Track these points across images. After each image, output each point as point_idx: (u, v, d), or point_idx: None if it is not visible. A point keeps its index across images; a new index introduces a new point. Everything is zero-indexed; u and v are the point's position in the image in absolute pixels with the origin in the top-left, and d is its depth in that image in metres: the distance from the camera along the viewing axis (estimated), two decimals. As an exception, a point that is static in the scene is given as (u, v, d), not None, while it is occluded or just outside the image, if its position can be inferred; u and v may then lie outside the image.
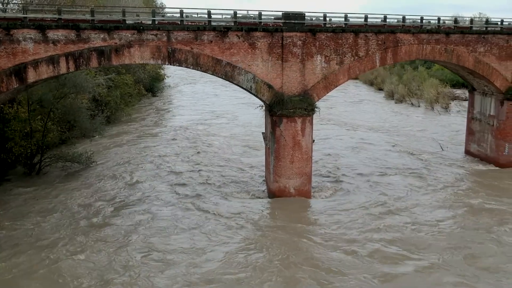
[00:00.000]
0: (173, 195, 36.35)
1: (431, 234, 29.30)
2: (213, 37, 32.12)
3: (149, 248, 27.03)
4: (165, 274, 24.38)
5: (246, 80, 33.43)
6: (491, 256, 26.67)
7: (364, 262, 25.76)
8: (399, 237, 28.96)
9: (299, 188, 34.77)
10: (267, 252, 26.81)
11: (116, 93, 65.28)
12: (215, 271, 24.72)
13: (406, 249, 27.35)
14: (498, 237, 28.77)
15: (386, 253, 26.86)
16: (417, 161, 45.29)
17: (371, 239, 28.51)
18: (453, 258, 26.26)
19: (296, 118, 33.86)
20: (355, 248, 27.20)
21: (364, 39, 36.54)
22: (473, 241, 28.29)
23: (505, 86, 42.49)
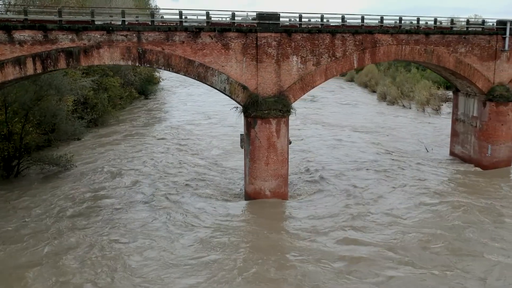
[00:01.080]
0: (150, 196, 36.12)
1: (405, 235, 29.01)
2: (185, 38, 31.80)
3: (115, 255, 26.64)
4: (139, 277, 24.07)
5: (219, 81, 33.10)
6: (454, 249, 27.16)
7: (336, 265, 25.48)
8: (371, 238, 28.81)
9: (274, 190, 34.39)
10: (228, 255, 26.47)
11: (103, 96, 65.02)
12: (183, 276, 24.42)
13: (377, 250, 27.23)
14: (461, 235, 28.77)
15: (358, 253, 26.80)
16: (399, 163, 44.83)
17: (342, 242, 28.28)
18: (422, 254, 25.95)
19: (271, 120, 33.51)
20: (327, 251, 26.98)
21: (341, 40, 36.20)
22: (445, 241, 28.24)
23: (487, 87, 42.10)
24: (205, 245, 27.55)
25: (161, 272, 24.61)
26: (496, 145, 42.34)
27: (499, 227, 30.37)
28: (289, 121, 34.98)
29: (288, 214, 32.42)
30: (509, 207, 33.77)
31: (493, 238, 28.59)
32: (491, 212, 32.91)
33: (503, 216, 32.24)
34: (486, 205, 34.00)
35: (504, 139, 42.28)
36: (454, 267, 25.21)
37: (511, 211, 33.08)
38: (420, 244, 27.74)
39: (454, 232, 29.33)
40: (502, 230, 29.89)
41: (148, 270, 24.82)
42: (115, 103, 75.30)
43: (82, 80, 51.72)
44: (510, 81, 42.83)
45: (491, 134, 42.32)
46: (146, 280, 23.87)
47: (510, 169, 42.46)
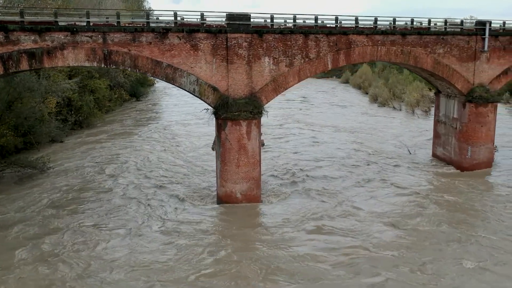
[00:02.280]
0: (123, 197, 35.99)
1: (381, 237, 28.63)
2: (152, 39, 31.46)
3: (86, 260, 26.29)
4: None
5: (188, 83, 32.75)
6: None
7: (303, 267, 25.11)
8: (341, 241, 28.48)
9: (246, 193, 33.97)
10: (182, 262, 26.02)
11: (89, 98, 64.73)
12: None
13: (348, 252, 26.98)
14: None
15: (323, 255, 26.46)
16: (378, 165, 44.40)
17: (310, 246, 27.92)
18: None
19: (241, 121, 33.11)
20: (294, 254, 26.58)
21: (315, 41, 35.82)
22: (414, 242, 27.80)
23: (467, 88, 41.64)
24: (163, 249, 27.15)
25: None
26: (476, 146, 41.85)
27: (462, 228, 30.31)
28: (260, 123, 34.53)
29: (256, 218, 31.99)
30: (475, 207, 33.76)
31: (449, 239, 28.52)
32: (461, 211, 33.00)
33: (467, 215, 32.30)
34: (456, 206, 34.03)
35: (484, 141, 41.79)
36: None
37: (473, 211, 33.02)
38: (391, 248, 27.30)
39: (423, 233, 29.46)
40: (462, 230, 29.89)
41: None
42: (104, 105, 75.23)
43: (63, 82, 51.23)
44: (490, 82, 42.37)
45: (470, 135, 41.83)
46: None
47: (490, 170, 41.87)
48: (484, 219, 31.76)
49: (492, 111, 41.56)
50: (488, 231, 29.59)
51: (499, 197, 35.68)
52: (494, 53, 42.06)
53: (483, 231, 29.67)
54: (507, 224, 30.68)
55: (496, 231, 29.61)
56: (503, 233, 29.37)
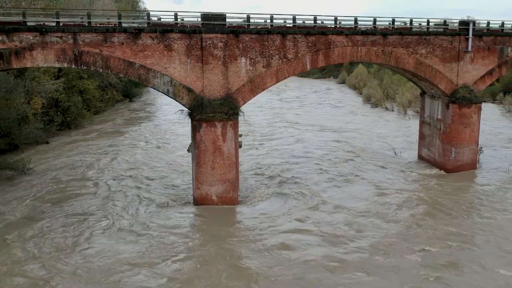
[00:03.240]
0: (98, 198, 35.72)
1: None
2: (124, 39, 31.07)
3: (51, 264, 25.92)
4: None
5: (162, 83, 32.36)
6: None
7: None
8: (316, 241, 28.27)
9: (222, 195, 33.55)
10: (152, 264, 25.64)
11: (77, 98, 64.43)
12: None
13: (323, 251, 26.75)
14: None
15: (296, 258, 26.14)
16: (362, 166, 43.98)
17: (282, 248, 27.49)
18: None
19: (216, 123, 32.69)
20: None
21: (293, 41, 35.37)
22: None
23: (451, 88, 41.14)
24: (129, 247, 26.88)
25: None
26: (460, 148, 41.35)
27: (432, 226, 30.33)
28: (237, 124, 34.11)
29: (229, 221, 31.52)
30: (450, 208, 33.56)
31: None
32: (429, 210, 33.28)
33: (434, 214, 32.48)
34: (428, 205, 34.10)
35: (467, 142, 41.28)
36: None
37: (442, 213, 32.75)
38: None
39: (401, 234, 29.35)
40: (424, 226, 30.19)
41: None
42: (94, 106, 74.98)
43: (47, 83, 50.89)
44: (474, 82, 41.87)
45: (454, 136, 41.34)
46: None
47: (473, 172, 41.31)
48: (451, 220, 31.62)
49: (475, 112, 41.05)
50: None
51: (471, 198, 35.36)
52: (478, 54, 41.57)
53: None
54: (463, 223, 30.59)
55: (453, 227, 29.97)
56: (459, 228, 29.77)
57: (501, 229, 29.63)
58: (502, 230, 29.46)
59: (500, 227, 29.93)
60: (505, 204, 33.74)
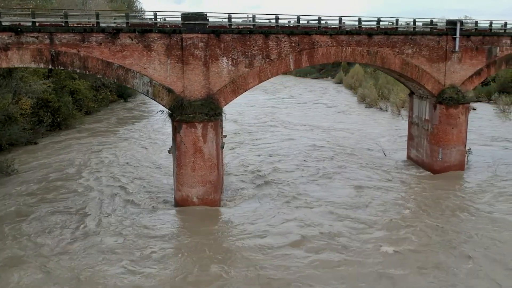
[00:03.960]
0: (79, 200, 35.37)
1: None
2: (102, 39, 30.71)
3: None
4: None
5: (141, 84, 32.01)
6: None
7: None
8: (296, 243, 27.93)
9: (203, 197, 33.17)
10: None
11: (67, 99, 64.14)
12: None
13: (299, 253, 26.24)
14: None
15: (271, 262, 25.60)
16: (348, 168, 43.56)
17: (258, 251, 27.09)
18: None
19: (196, 124, 32.31)
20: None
21: (276, 41, 34.98)
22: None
23: (438, 89, 40.71)
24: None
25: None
26: (447, 149, 40.91)
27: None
28: (218, 125, 33.74)
29: (207, 223, 30.98)
30: (428, 209, 33.22)
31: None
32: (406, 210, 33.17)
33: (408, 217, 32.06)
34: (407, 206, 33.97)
35: (455, 143, 40.83)
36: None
37: (419, 214, 32.50)
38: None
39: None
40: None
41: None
42: (87, 106, 74.74)
43: (33, 83, 50.55)
44: (462, 83, 41.42)
45: (441, 137, 40.89)
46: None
47: (461, 173, 40.85)
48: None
49: (463, 113, 40.60)
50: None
51: (452, 201, 34.85)
52: (466, 54, 41.15)
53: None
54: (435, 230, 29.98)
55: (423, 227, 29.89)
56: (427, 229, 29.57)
57: (475, 232, 29.23)
58: (475, 233, 29.08)
59: (472, 231, 29.47)
60: (484, 207, 33.19)
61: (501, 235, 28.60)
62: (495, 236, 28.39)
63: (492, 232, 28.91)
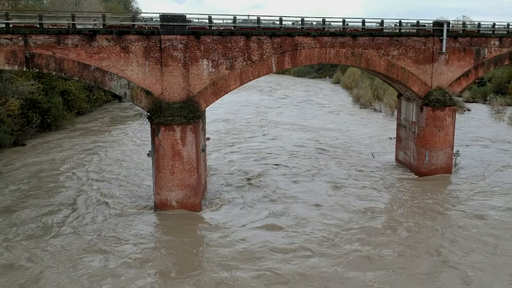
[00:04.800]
0: (59, 202, 35.05)
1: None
2: (78, 41, 30.30)
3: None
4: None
5: (119, 86, 31.61)
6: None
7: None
8: (271, 251, 27.31)
9: (182, 201, 32.72)
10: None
11: (57, 100, 63.76)
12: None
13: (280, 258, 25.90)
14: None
15: (247, 269, 25.09)
16: (338, 169, 43.20)
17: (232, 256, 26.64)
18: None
19: (175, 127, 31.86)
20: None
21: (257, 43, 34.55)
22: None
23: (424, 91, 40.23)
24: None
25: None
26: (434, 151, 40.42)
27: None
28: (199, 128, 33.27)
29: (184, 228, 30.58)
30: (406, 213, 32.99)
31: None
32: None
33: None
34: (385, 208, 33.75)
35: (441, 146, 40.33)
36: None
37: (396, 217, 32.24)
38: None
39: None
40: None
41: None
42: (80, 107, 74.36)
43: (19, 84, 50.21)
44: (450, 84, 40.93)
45: (428, 140, 40.41)
46: None
47: (448, 177, 40.32)
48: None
49: (450, 115, 40.09)
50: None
51: (433, 205, 34.36)
52: (454, 55, 40.65)
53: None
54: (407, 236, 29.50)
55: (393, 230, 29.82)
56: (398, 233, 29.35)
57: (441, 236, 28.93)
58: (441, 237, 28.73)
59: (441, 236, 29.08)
60: (464, 213, 32.65)
61: (480, 239, 28.16)
62: (470, 242, 27.97)
63: (468, 239, 28.48)
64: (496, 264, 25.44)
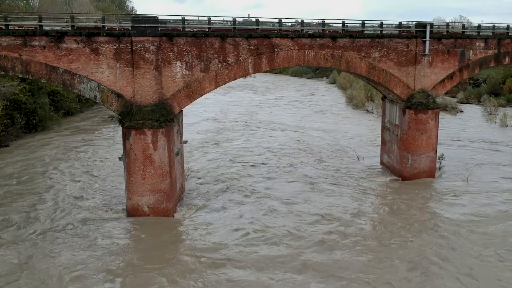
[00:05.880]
0: (31, 204, 34.53)
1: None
2: (46, 43, 29.64)
3: None
4: None
5: (89, 89, 30.94)
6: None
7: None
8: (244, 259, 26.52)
9: (153, 206, 32.05)
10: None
11: (44, 100, 63.19)
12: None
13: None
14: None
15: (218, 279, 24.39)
16: (319, 171, 42.55)
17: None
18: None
19: (146, 130, 31.18)
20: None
21: (233, 44, 33.83)
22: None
23: (407, 93, 39.46)
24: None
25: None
26: (416, 155, 39.67)
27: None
28: (172, 131, 32.58)
29: (156, 235, 29.80)
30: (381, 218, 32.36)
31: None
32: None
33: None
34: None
35: (424, 149, 39.57)
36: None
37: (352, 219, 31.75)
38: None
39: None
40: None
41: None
42: (69, 107, 73.80)
43: (1, 85, 49.62)
44: (433, 87, 40.17)
45: (411, 143, 39.65)
46: None
47: (431, 181, 39.57)
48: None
49: (433, 118, 39.32)
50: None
51: (410, 210, 33.71)
52: (437, 57, 39.88)
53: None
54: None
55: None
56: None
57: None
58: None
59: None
60: (441, 220, 31.91)
61: (455, 248, 27.43)
62: (442, 250, 27.27)
63: (442, 247, 27.77)
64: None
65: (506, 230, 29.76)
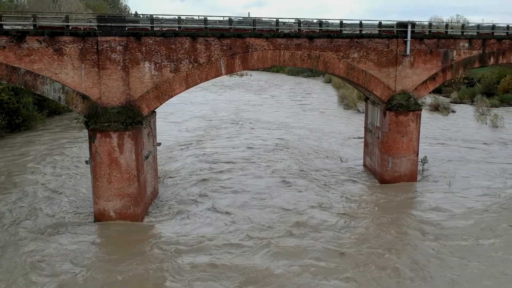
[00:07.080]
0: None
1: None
2: (6, 43, 28.68)
3: None
4: None
5: (52, 90, 30.00)
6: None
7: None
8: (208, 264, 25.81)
9: (120, 211, 31.10)
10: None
11: (27, 100, 62.25)
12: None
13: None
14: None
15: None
16: (300, 174, 41.65)
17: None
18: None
19: (111, 133, 30.20)
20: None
21: (205, 44, 32.83)
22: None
23: (388, 94, 38.42)
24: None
25: None
26: (397, 158, 38.64)
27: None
28: (139, 134, 31.60)
29: (121, 241, 28.91)
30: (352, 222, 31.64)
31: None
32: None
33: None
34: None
35: (405, 152, 38.53)
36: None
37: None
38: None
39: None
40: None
41: None
42: (55, 107, 72.86)
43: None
44: (415, 88, 39.11)
45: (391, 146, 38.62)
46: None
47: (412, 185, 38.57)
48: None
49: (414, 120, 38.28)
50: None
51: (385, 215, 32.71)
52: (419, 57, 38.81)
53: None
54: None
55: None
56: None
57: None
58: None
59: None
60: (416, 226, 30.98)
61: (426, 253, 26.49)
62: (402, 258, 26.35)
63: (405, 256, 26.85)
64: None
65: (486, 237, 28.76)
